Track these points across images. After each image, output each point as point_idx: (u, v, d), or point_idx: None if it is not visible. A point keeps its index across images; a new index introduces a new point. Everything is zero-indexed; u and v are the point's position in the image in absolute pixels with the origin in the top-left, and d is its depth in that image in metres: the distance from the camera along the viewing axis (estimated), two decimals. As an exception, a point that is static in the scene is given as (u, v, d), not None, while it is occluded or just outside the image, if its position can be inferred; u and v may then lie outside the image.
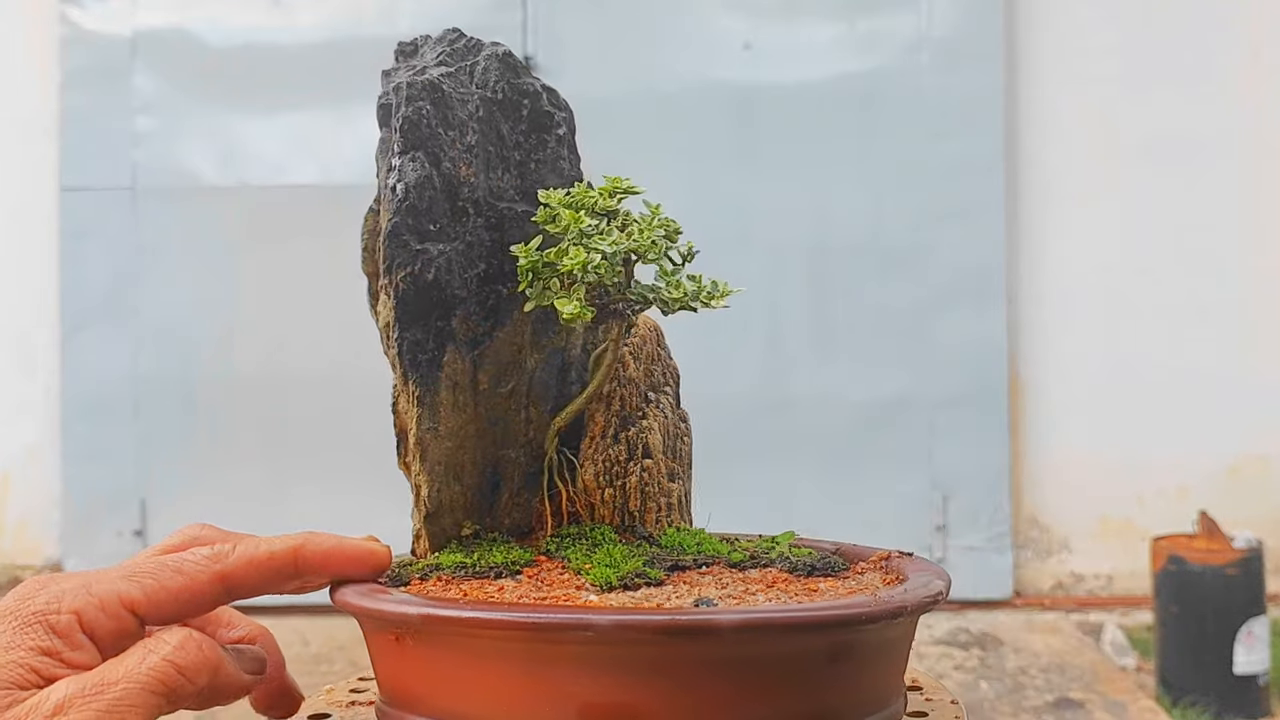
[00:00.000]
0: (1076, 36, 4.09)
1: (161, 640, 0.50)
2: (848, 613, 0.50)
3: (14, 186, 4.17)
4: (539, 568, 0.59)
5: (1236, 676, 3.09)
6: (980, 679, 3.24)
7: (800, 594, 0.56)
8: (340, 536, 0.57)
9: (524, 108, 0.65)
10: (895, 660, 0.55)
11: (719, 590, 0.56)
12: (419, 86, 0.61)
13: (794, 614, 0.50)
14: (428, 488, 0.61)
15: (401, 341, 0.60)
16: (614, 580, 0.56)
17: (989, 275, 3.98)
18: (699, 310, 0.60)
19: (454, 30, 0.65)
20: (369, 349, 0.92)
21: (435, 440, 0.61)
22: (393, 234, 0.59)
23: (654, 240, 0.59)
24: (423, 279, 0.60)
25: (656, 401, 0.66)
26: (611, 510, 0.63)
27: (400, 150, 0.60)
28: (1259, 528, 3.62)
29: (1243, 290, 4.06)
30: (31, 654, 0.48)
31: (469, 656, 0.51)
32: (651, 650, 0.48)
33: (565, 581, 0.57)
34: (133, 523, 4.01)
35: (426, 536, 0.62)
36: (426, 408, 0.61)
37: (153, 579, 0.51)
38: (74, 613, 0.49)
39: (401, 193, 0.60)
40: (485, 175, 0.63)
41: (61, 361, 4.08)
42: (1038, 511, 4.10)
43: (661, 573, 0.57)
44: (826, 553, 0.63)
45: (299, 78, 4.03)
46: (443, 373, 0.61)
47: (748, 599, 0.54)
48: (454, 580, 0.57)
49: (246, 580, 0.54)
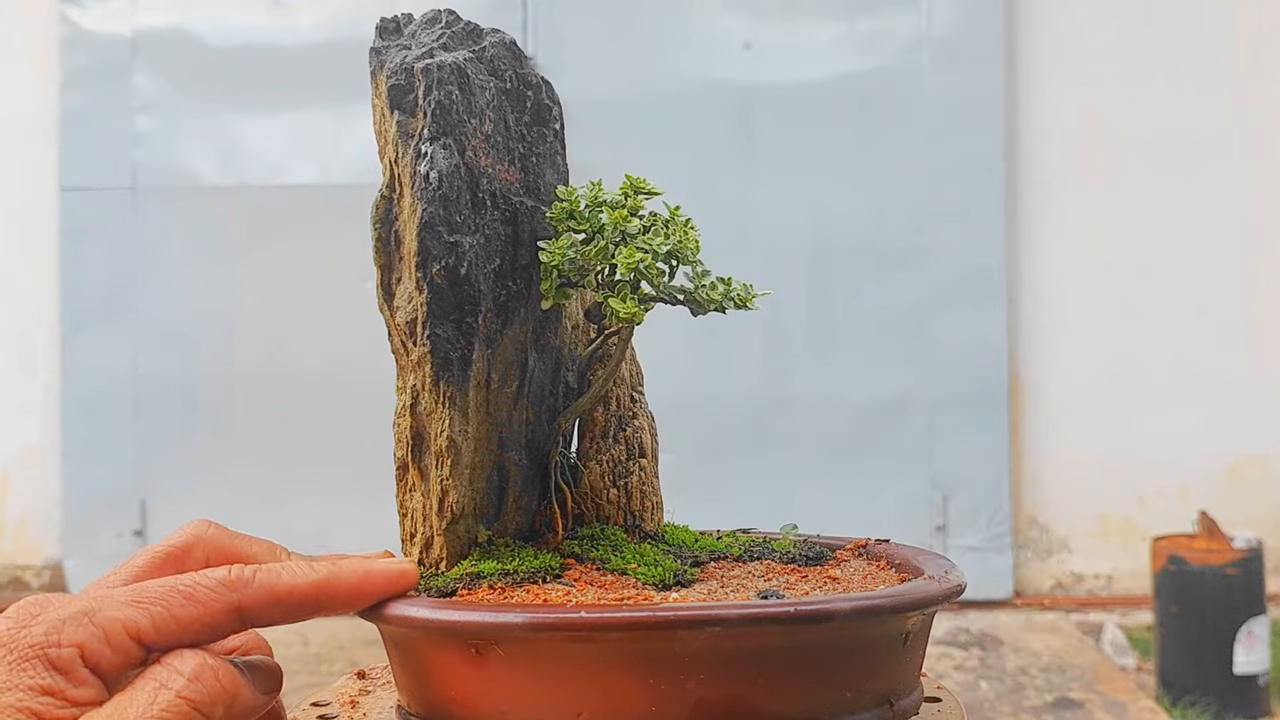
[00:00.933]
0: (1076, 36, 4.09)
1: (175, 672, 0.47)
2: (925, 594, 0.53)
3: (14, 186, 4.17)
4: (574, 571, 0.58)
5: (1236, 676, 3.09)
6: (980, 679, 3.24)
7: (821, 582, 0.58)
8: (367, 562, 0.53)
9: (528, 99, 0.63)
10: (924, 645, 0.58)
11: (774, 581, 0.58)
12: (448, 69, 0.58)
13: (895, 597, 0.52)
14: (455, 493, 0.58)
15: (433, 338, 0.57)
16: (667, 578, 0.56)
17: (989, 275, 3.98)
18: (726, 311, 0.60)
19: (449, 11, 0.63)
20: (369, 349, 0.91)
21: (466, 443, 0.58)
22: (428, 224, 0.56)
23: (696, 241, 0.59)
24: (456, 272, 0.57)
25: (641, 401, 0.66)
26: (617, 510, 0.63)
27: (430, 136, 0.57)
28: (1259, 528, 3.62)
29: (1243, 290, 4.06)
30: (31, 695, 0.44)
31: (575, 663, 0.49)
32: (771, 641, 0.49)
33: (617, 583, 0.57)
34: (133, 523, 4.01)
35: (445, 544, 0.59)
36: (458, 409, 0.58)
37: (162, 607, 0.47)
38: (76, 646, 0.45)
39: (435, 181, 0.56)
40: (497, 167, 0.61)
41: (61, 361, 4.08)
42: (1038, 511, 4.10)
43: (695, 570, 0.58)
44: (812, 544, 0.64)
45: (299, 78, 4.03)
46: (471, 371, 0.58)
47: (795, 589, 0.56)
48: (506, 588, 0.56)
49: (265, 615, 0.50)
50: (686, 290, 0.59)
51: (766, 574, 0.59)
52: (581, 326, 0.66)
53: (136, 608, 0.47)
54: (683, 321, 0.66)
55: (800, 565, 0.61)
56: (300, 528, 3.77)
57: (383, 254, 0.60)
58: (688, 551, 0.61)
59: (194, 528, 0.54)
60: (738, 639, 0.48)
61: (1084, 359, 4.08)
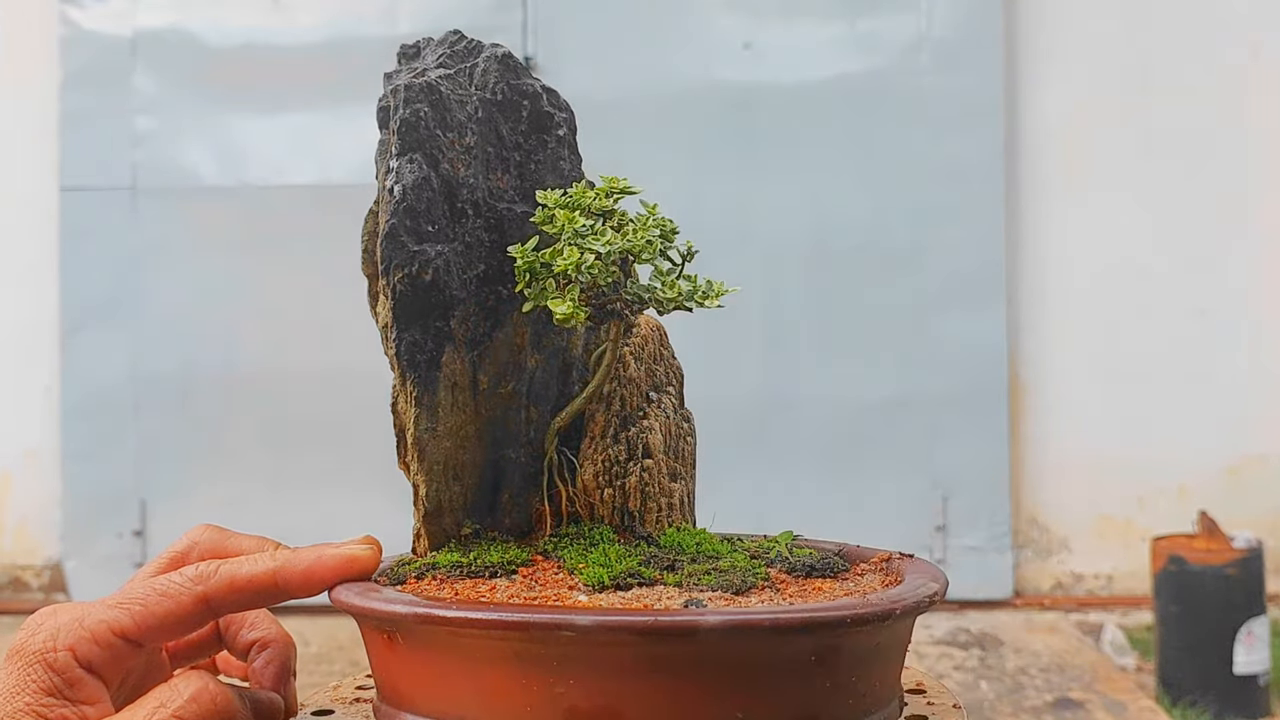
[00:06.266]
0: (1076, 36, 4.09)
1: (176, 693, 0.51)
2: (833, 615, 0.49)
3: (14, 186, 4.17)
4: (535, 567, 0.59)
5: (1236, 676, 3.09)
6: (980, 679, 3.24)
7: (798, 595, 0.55)
8: (321, 548, 0.56)
9: (524, 109, 0.65)
10: (888, 663, 0.54)
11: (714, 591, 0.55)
12: (416, 89, 0.61)
13: (778, 616, 0.49)
14: (426, 487, 0.61)
15: (400, 342, 0.60)
16: (606, 580, 0.56)
17: (989, 275, 3.98)
18: (694, 310, 0.60)
19: (455, 32, 0.65)
20: (369, 349, 0.92)
21: (433, 440, 0.61)
22: (390, 235, 0.59)
23: (649, 240, 0.59)
24: (420, 280, 0.60)
25: (658, 402, 0.66)
26: (611, 510, 0.63)
27: (398, 152, 0.60)
28: (1259, 528, 3.62)
29: (1243, 290, 4.06)
30: (38, 696, 0.50)
31: (458, 656, 0.51)
32: (633, 651, 0.48)
33: (558, 581, 0.57)
34: (133, 523, 4.01)
35: (426, 536, 0.62)
36: (424, 408, 0.61)
37: (141, 605, 0.53)
38: (69, 649, 0.51)
39: (399, 194, 0.60)
40: (485, 176, 0.63)
41: (61, 361, 4.07)
42: (1038, 511, 4.10)
43: (656, 573, 0.57)
44: (828, 554, 0.62)
45: (299, 78, 4.03)
46: (441, 373, 0.61)
47: (740, 600, 0.54)
48: (449, 579, 0.57)
49: (228, 602, 0.54)
50: (651, 289, 0.59)
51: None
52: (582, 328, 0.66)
53: (120, 609, 0.53)
54: (683, 322, 0.66)
55: (802, 576, 0.59)
56: (300, 527, 3.76)
57: (369, 264, 0.64)
58: (669, 555, 0.59)
59: (193, 532, 0.60)
60: (593, 647, 0.48)
61: (1084, 359, 4.08)
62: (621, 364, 0.65)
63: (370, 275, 0.64)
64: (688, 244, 0.62)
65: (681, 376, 0.69)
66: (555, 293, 0.59)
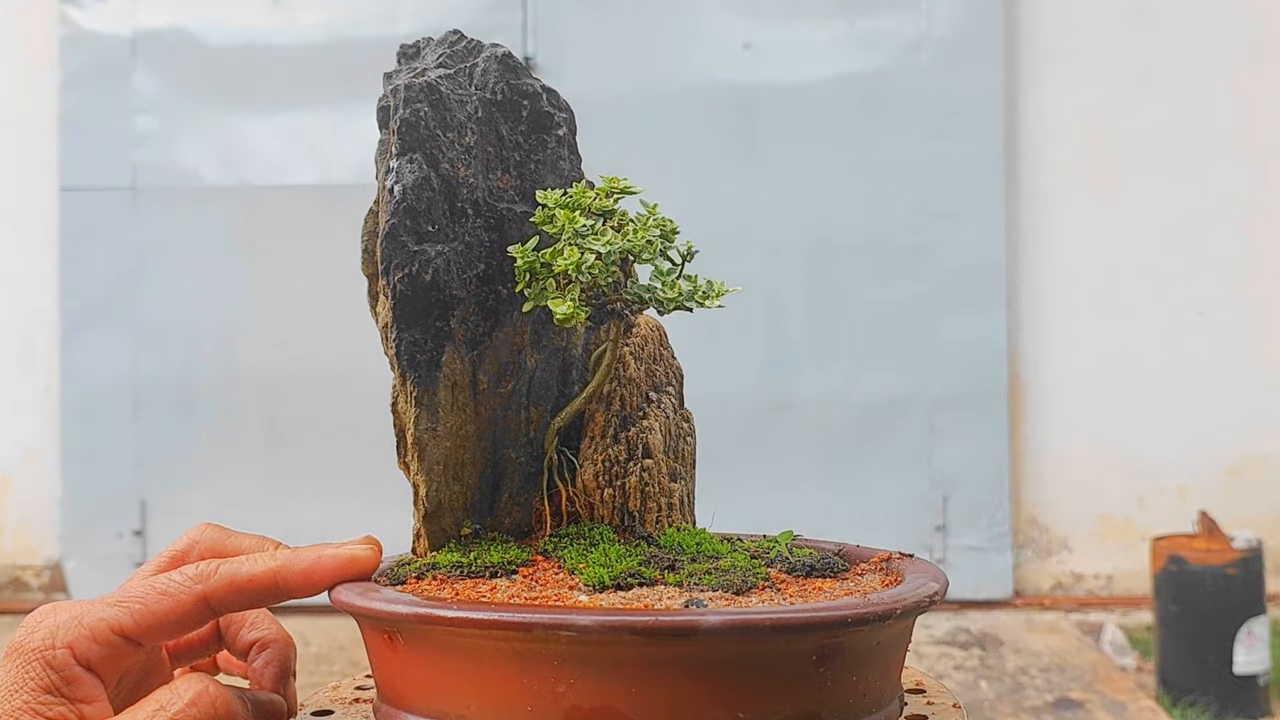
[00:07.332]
0: (1076, 36, 4.09)
1: (176, 694, 0.51)
2: (834, 615, 0.50)
3: (14, 186, 4.17)
4: (535, 567, 0.59)
5: (1236, 676, 3.09)
6: (980, 679, 3.24)
7: (798, 595, 0.56)
8: (321, 548, 0.57)
9: (523, 109, 0.65)
10: (888, 663, 0.54)
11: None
12: (416, 89, 0.61)
13: (779, 616, 0.49)
14: (426, 487, 0.61)
15: (399, 342, 0.60)
16: (607, 580, 0.56)
17: (989, 275, 3.98)
18: (694, 310, 0.60)
19: (454, 32, 0.65)
20: (369, 349, 0.92)
21: (433, 440, 0.61)
22: (390, 235, 0.59)
23: (649, 240, 0.59)
24: (420, 280, 0.60)
25: (658, 401, 0.66)
26: (611, 510, 0.63)
27: (398, 152, 0.60)
28: (1259, 528, 3.62)
29: (1243, 290, 4.06)
30: (36, 694, 0.50)
31: (458, 656, 0.51)
32: (634, 651, 0.48)
33: (559, 581, 0.57)
34: (133, 523, 4.01)
35: (426, 536, 0.62)
36: (424, 408, 0.61)
37: (140, 603, 0.53)
38: (68, 647, 0.51)
39: (399, 194, 0.60)
40: (484, 176, 0.63)
41: (61, 361, 4.07)
42: (1038, 511, 4.10)
43: (656, 573, 0.57)
44: (828, 554, 0.62)
45: (299, 78, 4.03)
46: (441, 373, 0.61)
47: (740, 600, 0.54)
48: (449, 580, 0.57)
49: (228, 601, 0.54)
50: (651, 289, 0.59)
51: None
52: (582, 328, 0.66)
53: (119, 607, 0.53)
54: (683, 321, 0.66)
55: (802, 576, 0.59)
56: (301, 527, 3.77)
57: (369, 264, 0.64)
58: (669, 555, 0.59)
59: (194, 531, 0.59)
60: (594, 647, 0.48)
61: (1084, 359, 4.08)
62: (621, 364, 0.65)
63: (370, 275, 0.64)
64: (688, 244, 0.62)
65: (681, 376, 0.69)
66: (555, 293, 0.59)
